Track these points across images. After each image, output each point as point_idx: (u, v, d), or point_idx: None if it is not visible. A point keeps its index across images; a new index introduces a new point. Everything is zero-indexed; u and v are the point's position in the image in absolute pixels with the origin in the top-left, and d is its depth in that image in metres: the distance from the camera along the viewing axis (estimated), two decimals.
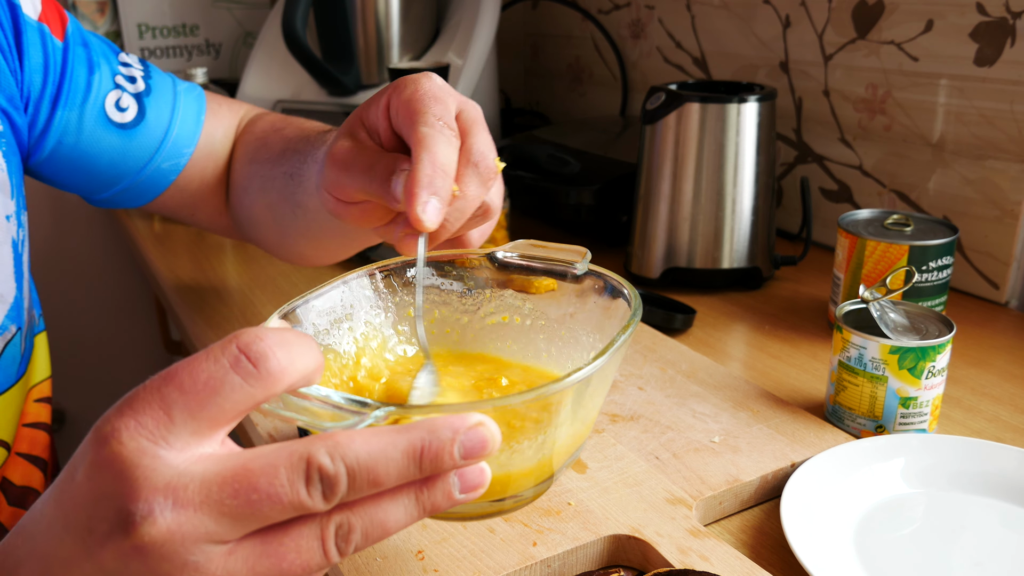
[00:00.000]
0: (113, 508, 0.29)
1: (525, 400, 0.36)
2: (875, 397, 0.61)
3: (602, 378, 0.42)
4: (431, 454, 0.31)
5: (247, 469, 0.29)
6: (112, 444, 0.29)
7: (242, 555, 0.30)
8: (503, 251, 0.51)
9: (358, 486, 0.30)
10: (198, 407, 0.30)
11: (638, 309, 0.44)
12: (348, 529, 0.31)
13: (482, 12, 1.23)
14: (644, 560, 0.51)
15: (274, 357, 0.31)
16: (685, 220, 0.90)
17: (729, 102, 0.87)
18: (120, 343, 1.73)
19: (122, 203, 0.74)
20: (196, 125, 0.73)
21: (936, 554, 0.51)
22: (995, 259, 0.87)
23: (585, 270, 0.49)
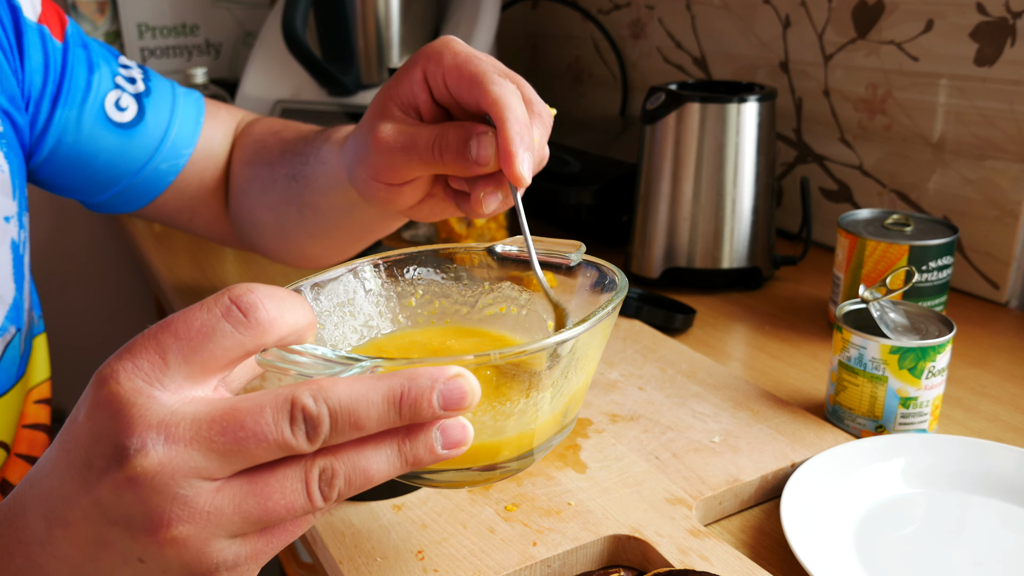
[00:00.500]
0: (110, 444, 0.30)
1: (504, 354, 0.36)
2: (875, 397, 0.61)
3: (586, 347, 0.43)
4: (410, 399, 0.32)
5: (235, 409, 0.31)
6: (110, 384, 0.31)
7: (229, 492, 0.31)
8: (501, 245, 0.52)
9: (340, 428, 0.31)
10: (191, 352, 0.31)
11: (624, 286, 0.45)
12: (332, 474, 0.32)
13: (482, 12, 1.23)
14: (644, 560, 0.51)
15: (263, 308, 0.32)
16: (685, 220, 0.90)
17: (729, 102, 0.87)
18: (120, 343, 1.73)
19: (120, 206, 0.74)
20: (195, 127, 0.73)
21: (936, 554, 0.51)
22: (995, 259, 0.87)
23: (579, 260, 0.50)
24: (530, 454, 0.44)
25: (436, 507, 0.54)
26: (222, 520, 0.31)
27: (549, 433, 0.44)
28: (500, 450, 0.42)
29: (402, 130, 0.51)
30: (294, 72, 1.24)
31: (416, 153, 0.50)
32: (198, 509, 0.31)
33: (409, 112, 0.52)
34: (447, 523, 0.52)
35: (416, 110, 0.51)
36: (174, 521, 0.30)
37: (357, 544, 0.51)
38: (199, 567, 0.32)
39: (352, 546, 0.51)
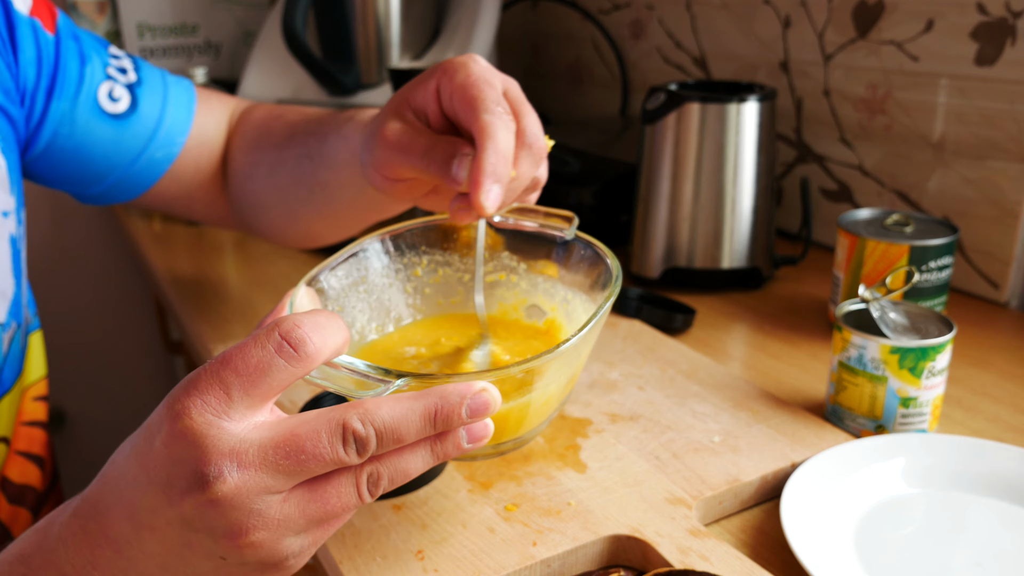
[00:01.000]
0: (189, 470, 0.35)
1: (522, 369, 0.43)
2: (875, 397, 0.61)
3: (587, 342, 0.47)
4: (443, 415, 0.38)
5: (295, 434, 0.36)
6: (184, 419, 0.35)
7: (294, 501, 0.37)
8: (499, 216, 0.56)
9: (385, 443, 0.37)
10: (251, 386, 0.36)
11: (619, 278, 0.49)
12: (377, 476, 0.38)
13: (482, 12, 1.23)
14: (644, 560, 0.51)
15: (311, 341, 0.37)
16: (685, 220, 0.90)
17: (729, 102, 0.87)
18: (120, 343, 1.73)
19: (116, 196, 0.74)
20: (188, 114, 0.74)
21: (936, 554, 0.51)
22: (995, 259, 0.87)
23: (573, 236, 0.54)
24: (534, 431, 0.50)
25: (436, 507, 0.54)
26: (290, 524, 0.37)
27: (551, 409, 0.50)
28: (511, 431, 0.48)
29: (406, 132, 0.54)
30: (294, 72, 1.24)
31: (409, 157, 0.53)
32: (270, 518, 0.36)
33: (420, 117, 0.55)
34: (447, 523, 0.52)
35: (426, 117, 0.55)
36: (251, 530, 0.36)
37: (357, 544, 0.51)
38: (271, 560, 0.37)
39: (352, 546, 0.51)
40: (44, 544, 0.40)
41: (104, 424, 1.74)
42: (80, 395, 1.70)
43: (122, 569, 0.38)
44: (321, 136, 0.69)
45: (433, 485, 0.56)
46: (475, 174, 0.48)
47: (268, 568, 0.38)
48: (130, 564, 0.38)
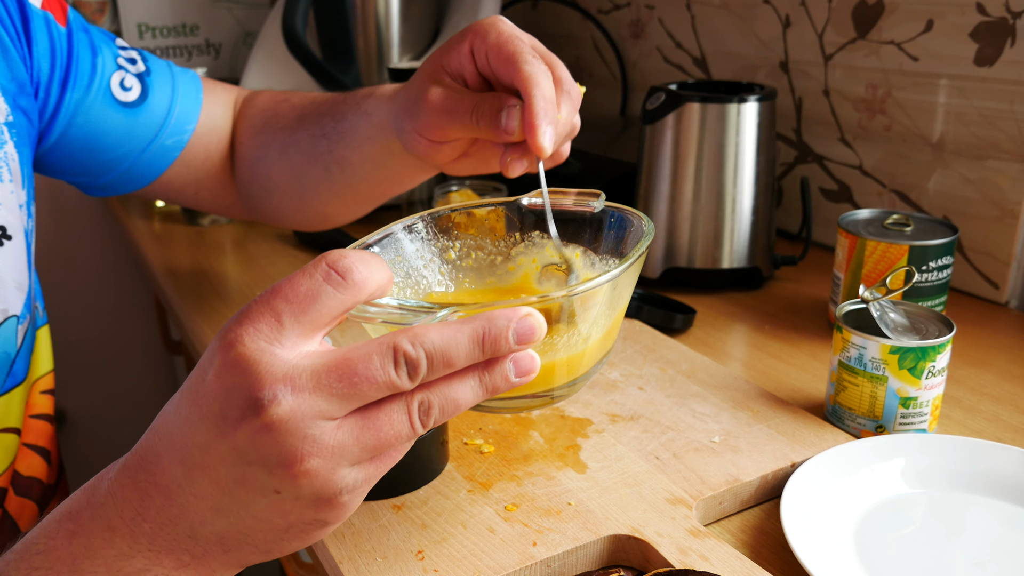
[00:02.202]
0: (243, 397, 0.35)
1: (566, 294, 0.44)
2: (875, 397, 0.61)
3: (623, 285, 0.49)
4: (491, 338, 0.38)
5: (347, 359, 0.36)
6: (237, 347, 0.36)
7: (348, 428, 0.36)
8: (527, 198, 0.58)
9: (435, 366, 0.37)
10: (301, 313, 0.36)
11: (651, 230, 0.51)
12: (428, 405, 0.38)
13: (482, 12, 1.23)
14: (644, 560, 0.51)
15: (357, 270, 0.37)
16: (685, 220, 0.90)
17: (729, 102, 0.87)
18: (120, 343, 1.73)
19: (125, 185, 0.75)
20: (196, 102, 0.75)
21: (936, 554, 0.51)
22: (995, 259, 0.87)
23: (602, 207, 0.56)
24: (576, 381, 0.50)
25: (436, 507, 0.54)
26: (344, 452, 0.36)
27: (593, 361, 0.51)
28: (554, 376, 0.49)
29: (449, 95, 0.57)
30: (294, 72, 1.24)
31: (458, 117, 0.57)
32: (325, 444, 0.36)
33: (457, 80, 0.58)
34: (447, 523, 0.52)
35: (463, 78, 0.58)
36: (306, 456, 0.36)
37: (357, 544, 0.51)
38: (326, 492, 0.37)
39: (352, 546, 0.51)
40: (92, 500, 0.39)
41: (104, 424, 1.74)
42: (80, 395, 1.70)
43: (172, 517, 0.38)
44: (338, 115, 0.71)
45: (433, 485, 0.56)
46: (529, 118, 0.52)
47: (322, 503, 0.37)
48: (181, 511, 0.38)
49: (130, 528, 0.38)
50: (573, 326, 0.47)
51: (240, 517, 0.38)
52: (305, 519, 0.38)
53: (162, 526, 0.38)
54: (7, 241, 0.61)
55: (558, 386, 0.50)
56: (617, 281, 0.47)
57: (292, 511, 0.38)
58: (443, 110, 0.57)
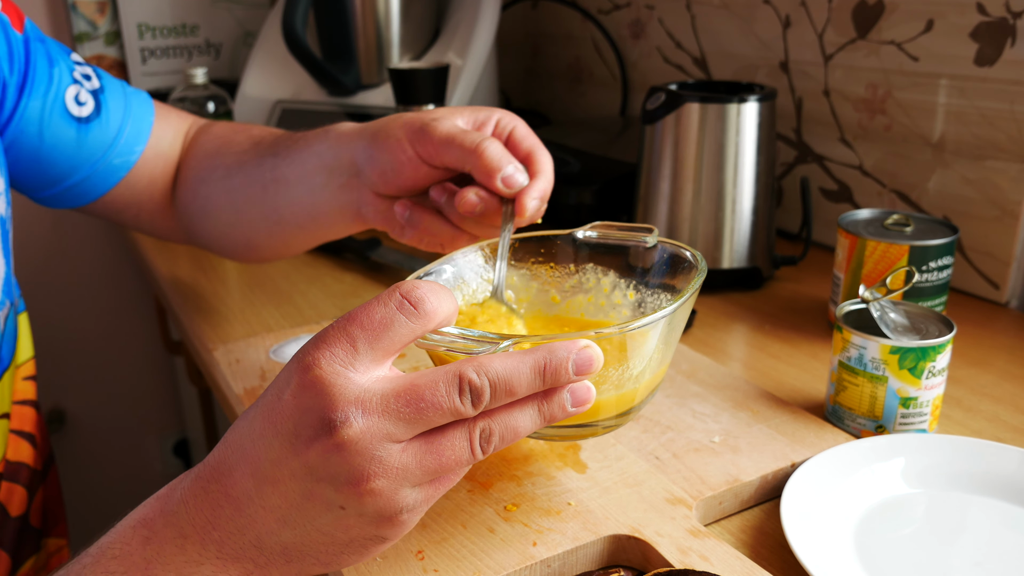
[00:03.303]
0: (316, 417, 0.37)
1: (623, 330, 0.45)
2: (875, 397, 0.61)
3: (675, 323, 0.50)
4: (552, 368, 0.40)
5: (415, 385, 0.38)
6: (314, 370, 0.38)
7: (412, 451, 0.38)
8: (582, 231, 0.61)
9: (498, 395, 0.39)
10: (375, 339, 0.38)
11: (703, 267, 0.53)
12: (489, 432, 0.40)
13: (482, 12, 1.23)
14: (644, 560, 0.51)
15: (428, 301, 0.39)
16: (685, 220, 0.90)
17: (729, 102, 0.87)
18: (120, 343, 1.73)
19: (70, 200, 0.75)
20: (147, 123, 0.75)
21: (936, 554, 0.51)
22: (995, 259, 0.87)
23: (655, 242, 0.58)
24: (625, 413, 0.52)
25: (436, 507, 0.54)
26: (408, 474, 0.38)
27: (644, 395, 0.52)
28: (607, 408, 0.50)
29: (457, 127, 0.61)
30: (294, 72, 1.24)
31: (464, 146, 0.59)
32: (390, 466, 0.38)
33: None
34: (447, 523, 0.52)
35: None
36: (372, 476, 0.38)
37: None
38: (388, 511, 0.39)
39: None
40: (166, 508, 0.41)
41: (104, 424, 1.74)
42: (80, 395, 1.70)
43: (241, 527, 0.40)
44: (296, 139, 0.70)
45: None
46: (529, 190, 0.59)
47: (383, 521, 0.39)
48: (249, 521, 0.39)
49: (201, 536, 0.40)
50: (625, 361, 0.48)
51: (305, 530, 0.40)
52: (366, 535, 0.40)
53: (231, 535, 0.40)
54: None
55: (606, 418, 0.52)
56: (671, 318, 0.48)
57: (355, 527, 0.39)
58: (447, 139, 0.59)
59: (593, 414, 0.51)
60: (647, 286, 0.61)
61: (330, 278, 0.96)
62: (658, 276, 0.59)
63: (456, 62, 1.22)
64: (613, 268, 0.62)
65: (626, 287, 0.62)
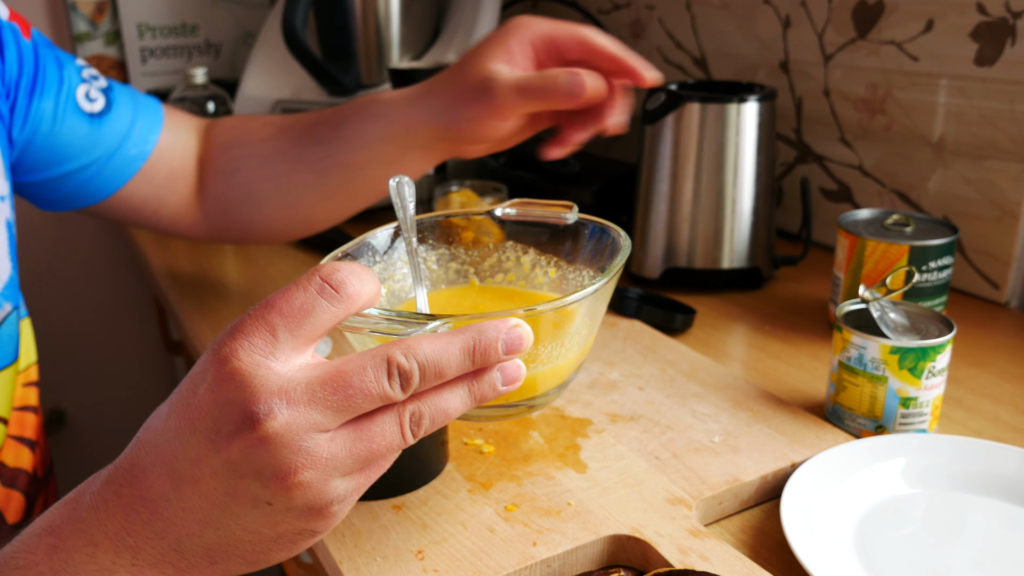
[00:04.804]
0: (237, 411, 0.35)
1: (554, 307, 0.44)
2: (875, 397, 0.61)
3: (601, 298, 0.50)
4: (482, 348, 0.39)
5: (341, 371, 0.36)
6: (232, 361, 0.36)
7: (341, 440, 0.37)
8: (501, 209, 0.59)
9: (427, 377, 0.38)
10: (296, 326, 0.37)
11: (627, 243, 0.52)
12: (419, 415, 0.38)
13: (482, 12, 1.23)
14: (644, 560, 0.51)
15: (350, 283, 0.38)
16: (685, 220, 0.90)
17: (729, 102, 0.87)
18: (120, 343, 1.73)
19: (84, 197, 0.75)
20: (157, 116, 0.77)
21: (936, 554, 0.51)
22: (995, 259, 0.87)
23: (575, 219, 0.58)
24: (554, 391, 0.52)
25: (436, 507, 0.54)
26: (337, 463, 0.37)
27: (571, 371, 0.52)
28: (537, 385, 0.50)
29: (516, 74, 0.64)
30: (294, 72, 1.24)
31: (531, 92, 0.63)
32: (318, 456, 0.36)
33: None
34: (447, 523, 0.52)
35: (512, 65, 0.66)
36: (300, 469, 0.36)
37: (357, 544, 0.51)
38: (317, 503, 0.37)
39: (352, 546, 0.51)
40: (74, 514, 0.39)
41: (104, 424, 1.74)
42: (80, 395, 1.70)
43: (159, 531, 0.38)
44: (335, 123, 0.73)
45: (433, 485, 0.56)
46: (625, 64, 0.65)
47: (313, 514, 0.38)
48: (168, 524, 0.38)
49: (114, 543, 0.38)
50: (556, 338, 0.48)
51: (230, 529, 0.38)
52: (295, 529, 0.38)
53: (147, 540, 0.38)
54: None
55: (538, 395, 0.51)
56: (598, 294, 0.47)
57: (283, 522, 0.38)
58: (516, 88, 0.63)
59: (524, 392, 0.50)
60: (568, 263, 0.60)
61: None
62: (581, 253, 0.59)
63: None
64: (533, 246, 0.62)
65: (546, 264, 0.61)
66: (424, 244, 0.61)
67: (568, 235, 0.59)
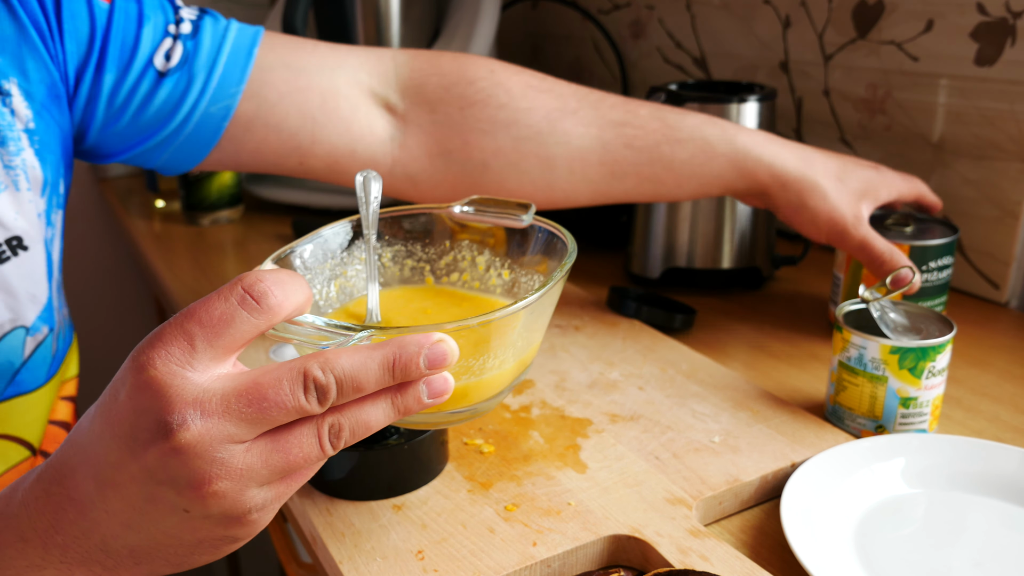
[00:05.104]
0: (152, 420, 0.35)
1: (480, 321, 0.43)
2: (875, 397, 0.61)
3: (545, 306, 0.49)
4: (401, 364, 0.38)
5: (257, 383, 0.36)
6: (148, 370, 0.36)
7: (257, 451, 0.37)
8: (459, 207, 0.58)
9: (345, 392, 0.37)
10: (215, 337, 0.36)
11: (573, 249, 0.51)
12: (339, 428, 0.38)
13: (482, 12, 1.23)
14: (644, 560, 0.51)
15: (272, 294, 0.37)
16: (685, 220, 0.90)
17: (729, 102, 0.87)
18: (120, 343, 1.73)
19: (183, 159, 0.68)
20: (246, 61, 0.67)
21: (936, 554, 0.51)
22: (995, 259, 0.87)
23: (530, 221, 0.56)
24: (496, 396, 0.50)
25: (436, 507, 0.54)
26: (253, 474, 0.37)
27: (512, 377, 0.51)
28: (471, 395, 0.48)
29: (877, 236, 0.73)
30: None
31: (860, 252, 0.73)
32: (233, 467, 0.36)
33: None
34: (447, 523, 0.52)
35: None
36: (214, 479, 0.36)
37: (357, 544, 0.51)
38: (235, 512, 0.37)
39: (352, 546, 0.51)
40: (6, 510, 0.40)
41: None
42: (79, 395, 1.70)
43: (85, 531, 0.38)
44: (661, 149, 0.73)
45: (433, 485, 0.56)
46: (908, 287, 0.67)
47: (232, 522, 0.38)
48: (94, 525, 0.38)
49: (43, 540, 0.38)
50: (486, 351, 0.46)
51: (151, 533, 0.38)
52: (215, 535, 0.39)
53: (75, 539, 0.38)
54: (23, 252, 0.59)
55: (480, 402, 0.50)
56: (534, 306, 0.46)
57: (201, 528, 0.38)
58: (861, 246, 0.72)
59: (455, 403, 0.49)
60: (522, 266, 0.58)
61: None
62: (533, 257, 0.57)
63: None
64: (488, 246, 0.60)
65: (500, 266, 0.60)
66: (380, 240, 0.59)
67: (519, 236, 0.58)
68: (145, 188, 1.41)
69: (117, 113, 0.65)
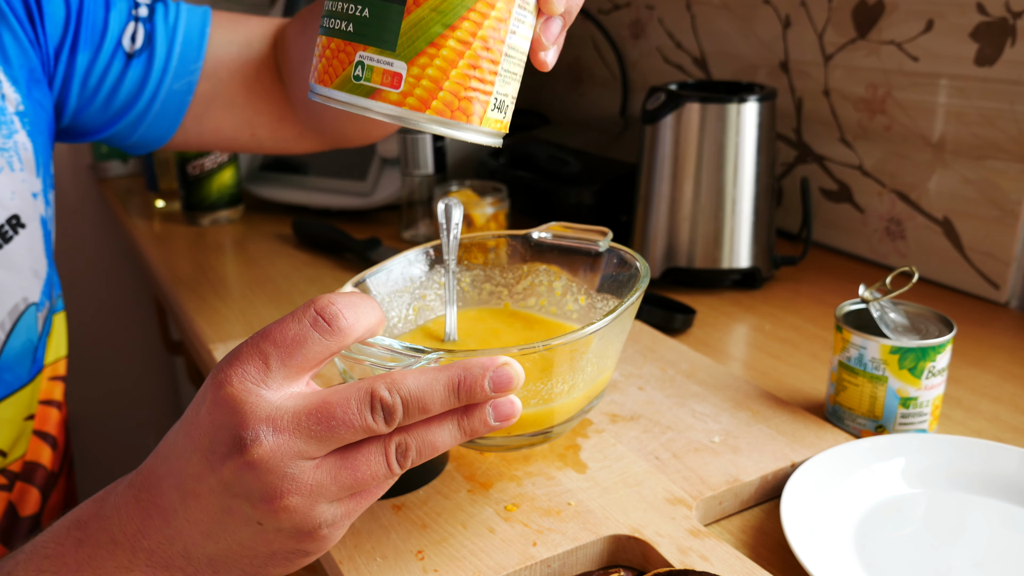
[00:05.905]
0: (229, 435, 0.37)
1: (546, 345, 0.43)
2: (875, 397, 0.61)
3: (615, 332, 0.49)
4: (466, 386, 0.39)
5: (327, 402, 0.38)
6: (226, 387, 0.38)
7: (326, 468, 0.38)
8: (537, 232, 0.60)
9: (411, 412, 0.38)
10: (288, 357, 0.38)
11: (646, 275, 0.52)
12: (405, 447, 0.39)
13: None
14: (644, 560, 0.51)
15: (343, 317, 0.39)
16: (685, 220, 0.90)
17: (729, 102, 0.87)
18: (120, 343, 1.73)
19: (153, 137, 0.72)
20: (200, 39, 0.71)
21: (936, 554, 0.51)
22: (995, 259, 0.87)
23: (607, 247, 0.57)
24: (567, 422, 0.51)
25: (436, 507, 0.54)
26: (322, 490, 0.38)
27: (586, 401, 0.51)
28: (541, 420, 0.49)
29: None
30: None
31: None
32: (303, 483, 0.38)
33: None
34: (447, 523, 0.52)
35: None
36: (285, 493, 0.38)
37: (357, 544, 0.51)
38: (306, 526, 0.39)
39: (352, 546, 0.51)
40: (100, 512, 0.41)
41: (104, 424, 1.74)
42: (79, 394, 1.70)
43: (169, 538, 0.40)
44: None
45: (433, 485, 0.56)
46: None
47: (303, 536, 0.39)
48: (176, 533, 0.40)
49: (131, 543, 0.40)
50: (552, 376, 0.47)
51: (228, 543, 0.40)
52: (287, 548, 0.40)
53: (160, 544, 0.40)
54: (21, 230, 0.61)
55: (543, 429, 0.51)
56: (603, 332, 0.46)
57: (274, 541, 0.40)
58: None
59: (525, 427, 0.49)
60: (597, 291, 0.59)
61: (330, 278, 0.96)
62: (607, 283, 0.58)
63: None
64: (566, 271, 0.61)
65: (576, 292, 0.61)
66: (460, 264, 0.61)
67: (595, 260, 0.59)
68: (145, 188, 1.40)
69: (92, 94, 0.68)
